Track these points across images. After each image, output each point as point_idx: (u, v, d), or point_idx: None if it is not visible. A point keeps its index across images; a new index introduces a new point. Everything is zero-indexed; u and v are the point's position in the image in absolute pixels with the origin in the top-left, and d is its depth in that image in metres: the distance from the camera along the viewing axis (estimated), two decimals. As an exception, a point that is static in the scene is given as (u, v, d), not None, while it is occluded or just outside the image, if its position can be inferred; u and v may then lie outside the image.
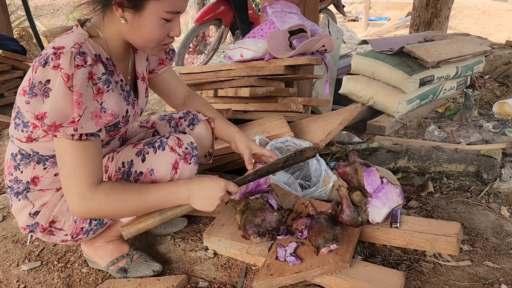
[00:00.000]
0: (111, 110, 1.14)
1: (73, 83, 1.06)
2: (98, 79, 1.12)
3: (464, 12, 13.35)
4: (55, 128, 1.07)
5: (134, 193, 1.18)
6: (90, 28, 1.20)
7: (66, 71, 1.05)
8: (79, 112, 1.07)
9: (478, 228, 1.70)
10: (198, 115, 1.55)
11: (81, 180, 1.11)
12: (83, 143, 1.11)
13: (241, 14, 4.72)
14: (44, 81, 1.06)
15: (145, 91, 1.43)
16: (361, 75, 3.15)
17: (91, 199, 1.13)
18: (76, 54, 1.07)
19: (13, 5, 7.48)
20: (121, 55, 1.28)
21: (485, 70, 3.62)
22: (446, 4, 5.18)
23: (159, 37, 1.18)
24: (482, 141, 2.53)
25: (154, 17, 1.14)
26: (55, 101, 1.06)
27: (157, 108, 3.49)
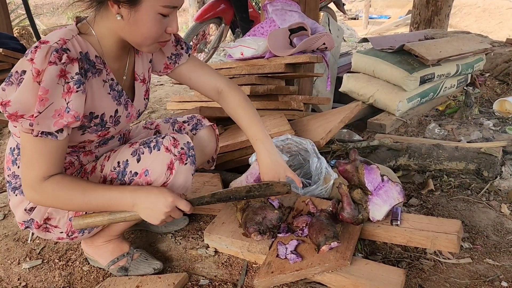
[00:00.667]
0: (74, 112, 1.12)
1: (42, 79, 1.06)
2: (71, 78, 1.10)
3: (464, 10, 13.33)
4: (15, 117, 1.08)
5: (79, 192, 1.17)
6: (82, 25, 1.20)
7: (37, 66, 1.05)
8: (39, 109, 1.07)
9: (478, 226, 1.71)
10: (202, 120, 1.55)
11: (33, 173, 1.14)
12: (43, 141, 1.12)
13: (241, 12, 4.72)
14: (20, 71, 1.07)
15: (144, 93, 1.41)
16: (362, 73, 3.15)
17: (39, 191, 1.16)
18: (54, 50, 1.07)
19: (13, 3, 7.47)
20: (114, 54, 1.26)
21: (486, 68, 3.62)
22: (447, 2, 5.17)
23: (156, 33, 1.16)
24: (482, 139, 2.53)
25: (151, 12, 1.12)
26: (20, 93, 1.07)
27: (157, 107, 3.49)
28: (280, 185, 1.35)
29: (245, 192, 1.32)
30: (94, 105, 1.20)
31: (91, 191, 1.18)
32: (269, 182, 1.35)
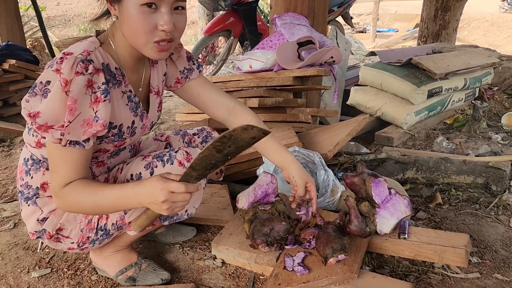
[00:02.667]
0: (102, 120, 1.15)
1: (70, 89, 1.08)
2: (98, 88, 1.13)
3: (472, 24, 13.34)
4: (45, 128, 1.10)
5: (92, 195, 1.16)
6: (102, 37, 1.23)
7: (65, 76, 1.08)
8: (70, 118, 1.09)
9: (487, 240, 1.70)
10: (212, 133, 1.57)
11: (56, 179, 1.17)
12: (68, 149, 1.14)
13: (250, 25, 4.77)
14: (45, 82, 1.09)
15: (158, 105, 1.44)
16: (369, 86, 3.16)
17: (60, 197, 1.18)
18: (80, 61, 1.10)
19: (26, 16, 7.61)
20: (131, 65, 1.29)
21: (494, 82, 3.62)
22: (454, 16, 5.19)
23: (144, 28, 1.12)
24: (490, 153, 2.52)
25: (133, 4, 1.10)
26: (50, 103, 1.09)
27: (166, 118, 3.52)
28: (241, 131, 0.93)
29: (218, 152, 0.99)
30: (114, 116, 1.23)
31: (100, 190, 1.16)
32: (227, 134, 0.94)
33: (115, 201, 1.16)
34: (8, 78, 3.38)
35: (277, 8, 2.69)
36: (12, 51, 3.51)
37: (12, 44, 3.58)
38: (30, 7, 5.41)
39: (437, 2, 5.18)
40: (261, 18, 4.98)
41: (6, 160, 2.70)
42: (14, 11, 4.05)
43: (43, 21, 4.23)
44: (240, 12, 4.70)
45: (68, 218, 1.31)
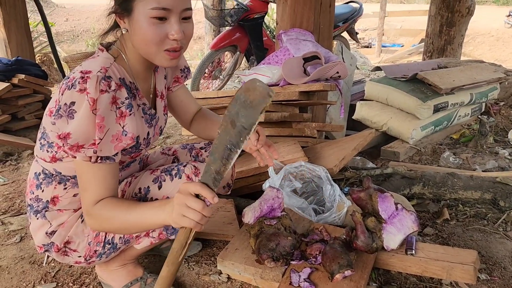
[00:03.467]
0: (131, 133, 1.18)
1: (97, 107, 1.10)
2: (122, 103, 1.16)
3: (478, 39, 13.38)
4: (76, 148, 1.12)
5: (123, 210, 1.17)
6: (114, 52, 1.25)
7: (92, 95, 1.10)
8: (100, 136, 1.12)
9: (495, 257, 1.68)
10: None
11: (88, 197, 1.18)
12: (98, 166, 1.16)
13: (256, 41, 4.81)
14: (69, 103, 1.11)
15: (163, 109, 1.46)
16: (375, 101, 3.16)
17: (91, 215, 1.19)
18: (102, 78, 1.12)
19: (36, 31, 7.74)
20: (143, 76, 1.32)
21: (500, 97, 3.61)
22: (459, 31, 5.21)
23: (153, 38, 1.15)
24: (498, 168, 2.50)
25: (143, 16, 1.13)
26: (80, 123, 1.11)
27: (172, 132, 3.54)
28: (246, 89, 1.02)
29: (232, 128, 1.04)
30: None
31: (133, 208, 1.17)
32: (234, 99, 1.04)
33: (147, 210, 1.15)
34: (17, 92, 3.42)
35: (283, 24, 2.72)
36: (22, 66, 3.56)
37: (22, 59, 3.63)
38: (40, 23, 5.51)
39: (442, 18, 5.20)
40: (267, 34, 5.02)
41: (13, 174, 2.72)
42: (24, 27, 4.12)
43: (52, 37, 4.29)
44: (246, 28, 4.75)
45: (76, 231, 1.32)
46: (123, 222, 1.19)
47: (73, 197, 1.33)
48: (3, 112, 3.31)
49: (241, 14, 4.65)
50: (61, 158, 1.25)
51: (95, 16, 16.15)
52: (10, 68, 3.46)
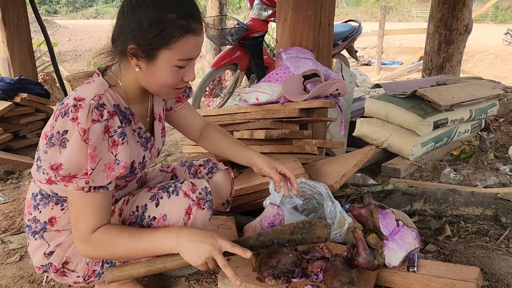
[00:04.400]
0: (124, 162, 1.18)
1: (89, 137, 1.10)
2: (114, 132, 1.16)
3: (476, 56, 13.50)
4: (68, 178, 1.12)
5: (126, 238, 1.19)
6: (110, 78, 1.26)
7: (83, 125, 1.10)
8: (92, 166, 1.12)
9: (498, 274, 1.66)
10: (218, 164, 1.59)
11: (82, 226, 1.17)
12: (91, 195, 1.16)
13: (256, 59, 4.86)
14: (62, 131, 1.11)
15: (161, 131, 1.47)
16: (375, 117, 3.18)
17: (89, 243, 1.18)
18: (94, 108, 1.12)
19: (39, 51, 7.83)
20: (139, 100, 1.32)
21: (499, 113, 3.63)
22: (458, 49, 5.26)
23: (172, 83, 1.22)
24: (499, 184, 2.50)
25: (167, 65, 1.17)
26: (71, 154, 1.11)
27: (173, 150, 3.55)
28: (321, 226, 1.34)
29: (289, 235, 1.30)
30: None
31: (137, 235, 1.20)
32: (311, 221, 1.33)
33: (154, 241, 1.19)
34: (19, 111, 3.45)
35: (283, 43, 2.75)
36: (24, 85, 3.60)
37: (25, 79, 3.67)
38: (43, 43, 5.57)
39: (440, 36, 5.26)
40: (267, 52, 5.07)
41: (14, 192, 2.72)
42: (27, 47, 4.18)
43: (55, 56, 4.34)
44: (246, 47, 4.80)
45: (74, 251, 1.32)
46: (128, 250, 1.19)
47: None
48: (5, 131, 3.33)
49: (242, 33, 4.71)
50: (56, 181, 1.25)
51: (97, 36, 16.34)
52: (13, 87, 3.50)
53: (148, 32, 1.13)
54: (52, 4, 30.91)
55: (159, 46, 1.14)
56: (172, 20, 1.13)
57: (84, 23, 21.52)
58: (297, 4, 2.60)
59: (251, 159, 1.53)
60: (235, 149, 1.57)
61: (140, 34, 1.13)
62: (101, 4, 32.40)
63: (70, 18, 27.12)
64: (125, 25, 1.16)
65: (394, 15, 24.44)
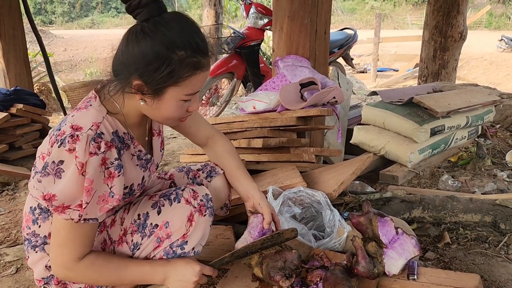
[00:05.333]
0: (118, 195, 1.17)
1: (86, 170, 1.09)
2: (111, 164, 1.15)
3: (471, 63, 13.60)
4: (62, 209, 1.11)
5: (113, 269, 1.23)
6: (108, 103, 1.22)
7: (81, 159, 1.08)
8: (87, 200, 1.11)
9: (498, 281, 1.65)
10: (216, 168, 1.58)
11: (67, 254, 1.18)
12: (80, 225, 1.15)
13: (252, 67, 4.88)
14: (58, 161, 1.09)
15: (160, 145, 1.46)
16: (372, 125, 3.18)
17: (73, 270, 1.20)
18: (92, 139, 1.10)
19: (35, 61, 7.83)
20: (137, 123, 1.31)
21: (496, 119, 3.64)
22: (453, 56, 5.30)
23: (178, 116, 1.22)
24: (497, 191, 2.50)
25: (174, 100, 1.17)
26: (66, 186, 1.09)
27: (170, 159, 3.54)
28: (288, 231, 1.44)
29: (260, 244, 1.41)
30: (125, 178, 1.24)
31: (125, 268, 1.25)
32: (279, 231, 1.44)
33: (141, 275, 1.26)
34: (15, 122, 3.43)
35: (279, 51, 2.76)
36: (20, 96, 3.58)
37: (20, 89, 3.66)
38: (39, 53, 5.57)
39: (435, 43, 5.30)
40: (264, 60, 5.09)
41: (10, 204, 2.69)
42: (23, 58, 4.16)
43: (51, 67, 4.33)
44: (243, 55, 4.82)
45: None
46: (112, 281, 1.25)
47: None
48: (1, 142, 3.31)
49: (238, 41, 4.73)
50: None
51: (93, 46, 16.37)
52: (9, 98, 3.48)
53: (157, 72, 1.10)
54: (48, 14, 30.99)
55: (167, 84, 1.13)
56: (182, 59, 1.10)
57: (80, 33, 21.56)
58: (293, 12, 2.61)
59: (249, 191, 1.50)
60: (236, 174, 1.54)
61: (148, 72, 1.10)
62: (96, 14, 32.52)
63: (66, 28, 27.19)
64: (130, 59, 1.11)
65: (389, 23, 24.63)
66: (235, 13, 13.54)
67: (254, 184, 1.52)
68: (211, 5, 8.03)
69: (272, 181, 2.12)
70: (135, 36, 1.10)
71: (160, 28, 1.09)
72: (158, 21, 1.10)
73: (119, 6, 33.28)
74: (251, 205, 1.50)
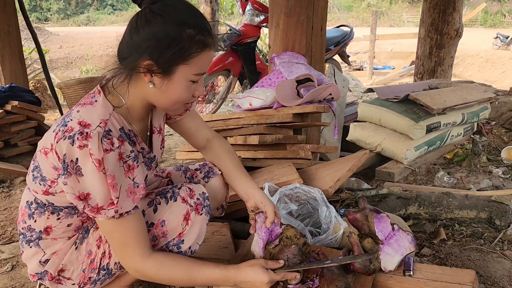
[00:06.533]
0: (142, 184, 1.18)
1: (105, 167, 1.09)
2: (127, 157, 1.15)
3: (467, 60, 13.65)
4: (97, 210, 1.12)
5: (183, 271, 1.23)
6: (113, 98, 1.22)
7: (97, 156, 1.08)
8: (116, 194, 1.11)
9: (494, 277, 1.66)
10: (214, 168, 1.57)
11: (131, 253, 1.18)
12: (125, 219, 1.15)
13: (249, 64, 4.87)
14: (75, 160, 1.09)
15: (160, 142, 1.45)
16: (368, 122, 3.19)
17: (143, 271, 1.20)
18: (103, 137, 1.10)
19: (30, 58, 7.79)
20: (140, 118, 1.31)
21: (491, 116, 3.65)
22: (449, 53, 5.31)
23: (186, 98, 1.22)
24: (492, 187, 2.51)
25: (183, 80, 1.18)
26: (93, 185, 1.09)
27: (166, 157, 3.54)
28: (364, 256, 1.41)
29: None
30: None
31: (195, 271, 1.24)
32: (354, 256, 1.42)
33: (212, 280, 1.25)
34: (10, 119, 3.41)
35: (276, 48, 2.75)
36: (15, 93, 3.56)
37: (15, 86, 3.64)
38: (34, 50, 5.55)
39: (431, 40, 5.31)
40: (260, 57, 5.08)
41: (5, 201, 2.68)
42: (18, 54, 4.15)
43: (46, 64, 4.31)
44: (239, 52, 4.81)
45: (71, 258, 1.30)
46: (183, 282, 1.25)
47: (67, 226, 1.31)
48: (-4, 139, 3.29)
49: (234, 38, 4.72)
50: (54, 193, 1.23)
51: (89, 43, 16.30)
52: (4, 95, 3.46)
53: (168, 49, 1.12)
54: (43, 11, 30.84)
55: (177, 61, 1.15)
56: (191, 36, 1.14)
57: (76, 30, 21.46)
58: (290, 9, 2.61)
59: (249, 190, 1.48)
60: (235, 174, 1.53)
61: (158, 50, 1.12)
62: (92, 11, 32.39)
63: (62, 25, 27.08)
64: (140, 40, 1.13)
65: (386, 20, 24.67)
66: (231, 10, 13.52)
67: (253, 183, 1.50)
68: (207, 2, 8.02)
69: (269, 178, 2.12)
70: (144, 17, 1.14)
71: (168, 8, 1.14)
72: (165, 3, 1.15)
73: (115, 3, 33.16)
74: (252, 205, 1.48)
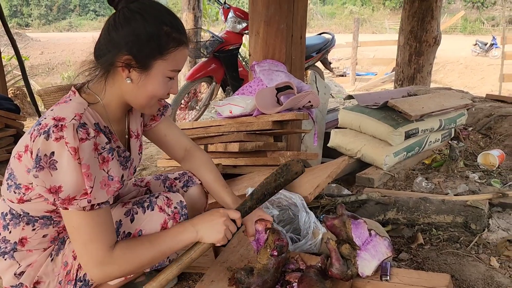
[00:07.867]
0: (117, 177, 1.18)
1: (80, 156, 1.08)
2: (102, 149, 1.15)
3: (447, 66, 13.90)
4: (68, 201, 1.10)
5: (147, 245, 1.22)
6: (88, 96, 1.23)
7: (72, 144, 1.08)
8: (90, 184, 1.10)
9: (469, 280, 1.70)
10: (193, 178, 1.58)
11: (99, 247, 1.15)
12: (96, 212, 1.14)
13: (231, 71, 4.89)
14: (49, 154, 1.08)
15: (138, 148, 1.45)
16: (349, 128, 3.22)
17: (111, 262, 1.16)
18: (78, 127, 1.10)
19: (9, 65, 7.68)
20: (117, 118, 1.31)
21: (468, 122, 3.73)
22: (428, 60, 5.41)
23: (162, 94, 1.25)
24: (469, 192, 2.56)
25: (161, 75, 1.21)
26: (66, 175, 1.08)
27: (148, 164, 3.52)
28: (294, 162, 1.44)
29: (274, 182, 1.41)
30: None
31: (157, 239, 1.23)
32: (286, 163, 1.44)
33: (178, 239, 1.25)
34: (-12, 127, 3.36)
35: (256, 56, 2.78)
36: (-7, 100, 3.51)
37: (-6, 94, 3.59)
38: (13, 56, 5.47)
39: (410, 48, 5.41)
40: (242, 64, 5.10)
41: (-18, 211, 2.63)
42: (-3, 61, 4.09)
43: (26, 70, 4.26)
44: (221, 59, 4.82)
45: (46, 270, 1.29)
46: (153, 255, 1.22)
47: (42, 237, 1.29)
48: (-27, 147, 3.23)
49: (216, 45, 4.73)
50: (29, 199, 1.22)
51: (71, 49, 16.14)
52: (-19, 102, 3.41)
53: (146, 44, 1.17)
54: (24, 17, 30.43)
55: (155, 56, 1.18)
56: (168, 33, 1.19)
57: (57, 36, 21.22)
58: (269, 18, 2.64)
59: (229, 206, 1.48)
60: (214, 187, 1.53)
61: (137, 45, 1.17)
62: (74, 17, 32.07)
63: (43, 31, 26.76)
64: (119, 37, 1.17)
65: (368, 27, 25.01)
66: (216, 16, 13.54)
67: (233, 197, 1.50)
68: (189, 9, 8.02)
69: (249, 185, 2.13)
70: (123, 15, 1.18)
71: (146, 7, 1.19)
72: (143, 2, 1.21)
73: (97, 9, 32.90)
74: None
